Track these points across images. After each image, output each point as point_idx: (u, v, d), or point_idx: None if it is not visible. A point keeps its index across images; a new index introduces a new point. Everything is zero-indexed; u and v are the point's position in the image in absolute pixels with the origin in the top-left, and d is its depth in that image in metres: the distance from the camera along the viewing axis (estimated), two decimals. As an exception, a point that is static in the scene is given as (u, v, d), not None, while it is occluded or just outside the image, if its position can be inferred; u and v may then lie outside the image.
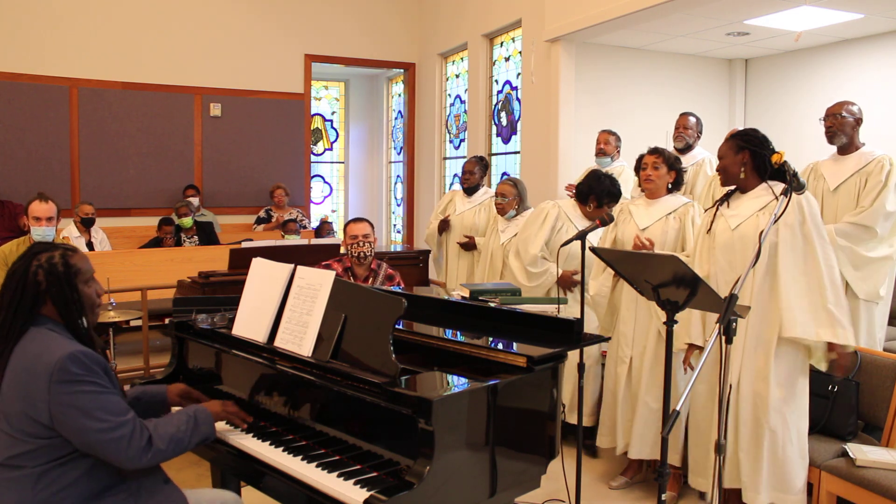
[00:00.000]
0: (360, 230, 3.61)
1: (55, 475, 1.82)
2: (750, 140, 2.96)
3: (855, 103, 3.76)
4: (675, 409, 1.93)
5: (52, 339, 1.85)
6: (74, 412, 1.78)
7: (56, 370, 1.77)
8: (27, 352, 1.84)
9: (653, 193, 3.52)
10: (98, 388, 1.82)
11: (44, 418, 1.79)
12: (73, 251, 1.97)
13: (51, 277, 1.89)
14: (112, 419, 1.81)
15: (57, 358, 1.79)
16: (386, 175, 10.21)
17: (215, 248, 6.48)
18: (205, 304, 3.39)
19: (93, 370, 1.82)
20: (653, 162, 3.49)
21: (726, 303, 2.06)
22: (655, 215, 3.46)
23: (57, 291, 1.90)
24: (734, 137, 3.03)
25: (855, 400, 3.06)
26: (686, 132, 4.76)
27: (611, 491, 3.54)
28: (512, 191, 4.49)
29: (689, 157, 4.65)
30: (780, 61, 6.51)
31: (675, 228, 3.40)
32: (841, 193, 3.71)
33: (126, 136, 7.60)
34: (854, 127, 3.72)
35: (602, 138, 5.19)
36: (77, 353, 1.81)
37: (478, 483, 2.00)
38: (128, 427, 1.84)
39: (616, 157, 5.20)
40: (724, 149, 3.03)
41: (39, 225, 4.10)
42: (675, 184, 3.52)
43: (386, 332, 2.08)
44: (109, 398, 1.84)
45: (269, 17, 8.15)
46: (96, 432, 1.79)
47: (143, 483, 1.97)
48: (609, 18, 5.28)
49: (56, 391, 1.77)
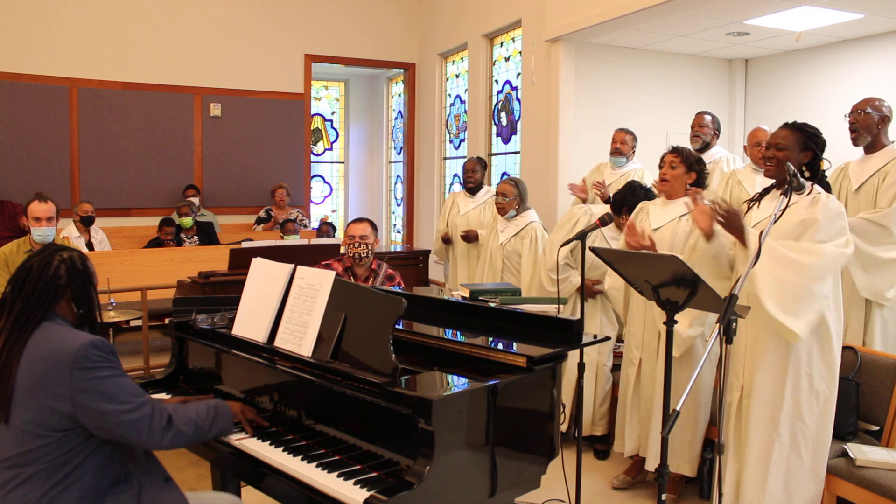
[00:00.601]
0: (357, 231, 3.61)
1: (61, 474, 1.83)
2: (818, 142, 2.85)
3: (883, 100, 3.60)
4: (674, 409, 1.93)
5: (66, 330, 1.91)
6: (97, 397, 1.83)
7: (78, 357, 1.82)
8: (42, 344, 1.87)
9: (669, 194, 3.44)
10: (118, 371, 1.89)
11: (65, 407, 1.82)
12: (85, 255, 2.07)
13: (72, 273, 1.97)
14: (133, 400, 1.88)
15: (78, 346, 1.84)
16: (386, 175, 10.21)
17: (215, 248, 6.49)
18: (205, 304, 3.39)
19: (112, 355, 1.90)
20: (670, 161, 3.41)
21: (726, 303, 2.06)
22: (669, 216, 3.40)
23: (78, 287, 1.98)
24: (801, 132, 2.86)
25: (855, 400, 3.06)
26: (702, 130, 4.69)
27: (611, 491, 3.54)
28: (513, 190, 4.48)
29: (706, 156, 4.52)
30: (780, 61, 6.51)
31: (685, 231, 3.31)
32: (862, 193, 3.59)
33: (126, 136, 7.60)
34: (880, 125, 3.56)
35: (619, 137, 5.03)
36: (96, 340, 1.88)
37: (478, 483, 2.00)
38: (147, 407, 1.91)
39: (631, 157, 5.07)
40: (790, 140, 2.85)
41: (39, 225, 4.10)
42: (695, 184, 3.40)
43: (386, 332, 2.08)
44: (128, 381, 1.91)
45: (269, 17, 8.15)
46: (119, 414, 1.84)
47: (144, 481, 1.98)
48: (609, 18, 5.27)
49: (79, 378, 1.82)
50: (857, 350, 3.19)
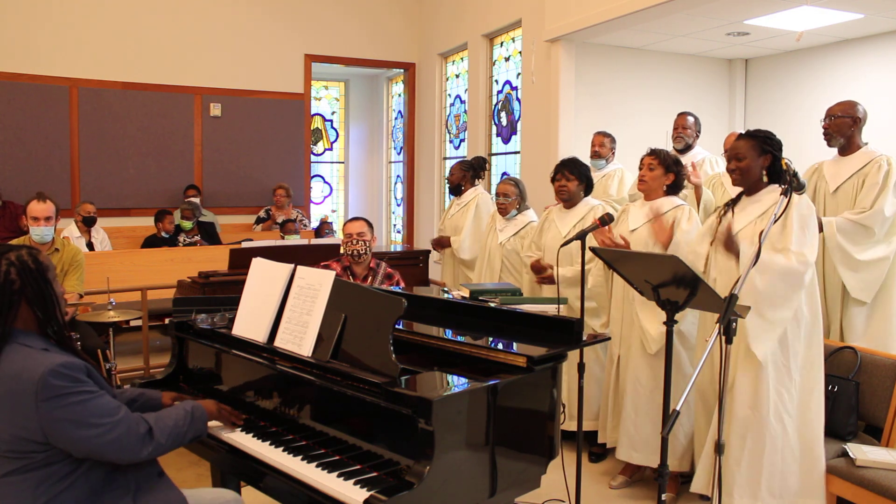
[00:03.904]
0: (354, 229, 3.63)
1: (53, 481, 1.81)
2: (773, 144, 2.92)
3: (857, 103, 3.69)
4: (674, 409, 1.93)
5: (26, 355, 1.80)
6: (68, 425, 1.76)
7: (40, 388, 1.73)
8: (4, 375, 1.79)
9: (648, 195, 3.52)
10: (86, 395, 1.79)
11: (38, 437, 1.77)
12: (36, 250, 1.94)
13: (24, 275, 1.85)
14: (106, 421, 1.81)
15: (39, 375, 1.74)
16: (386, 175, 10.21)
17: (215, 248, 6.49)
18: (205, 304, 3.40)
19: (77, 379, 1.79)
20: (648, 163, 3.49)
21: (726, 303, 2.06)
22: (646, 217, 3.46)
23: (33, 289, 1.86)
24: (754, 139, 2.95)
25: (855, 400, 3.06)
26: (685, 132, 4.73)
27: (611, 491, 3.54)
28: (514, 190, 4.49)
29: (688, 157, 4.64)
30: (781, 61, 6.51)
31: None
32: (840, 195, 3.66)
33: (126, 136, 7.60)
34: (852, 127, 3.64)
35: (597, 140, 5.15)
36: (56, 367, 1.76)
37: (478, 483, 2.00)
38: (123, 425, 1.84)
39: (611, 160, 5.17)
40: (745, 149, 2.94)
41: (37, 225, 4.09)
42: (673, 186, 3.48)
43: (386, 332, 2.08)
44: (98, 402, 1.81)
45: (269, 17, 8.15)
46: (94, 438, 1.78)
47: (138, 478, 1.97)
48: (609, 18, 5.27)
49: (45, 409, 1.74)
50: (857, 350, 3.19)
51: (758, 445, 2.83)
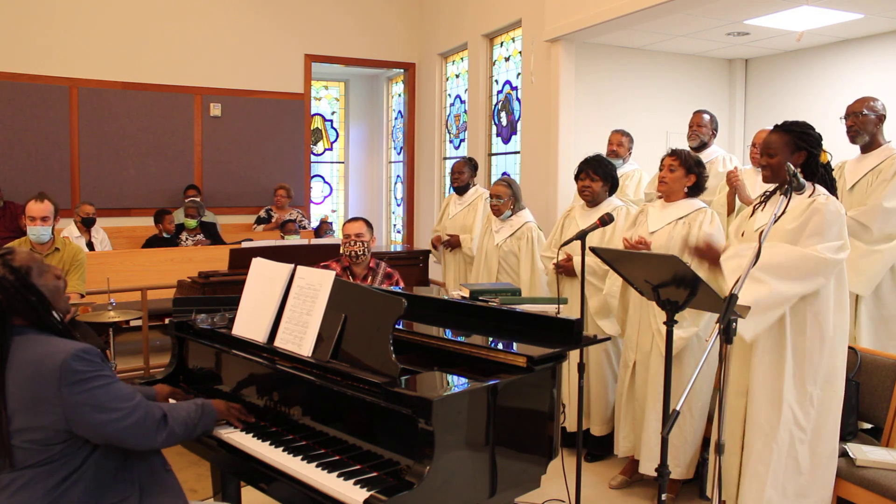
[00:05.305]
0: (353, 230, 3.63)
1: (64, 473, 1.82)
2: (809, 141, 2.72)
3: (877, 99, 3.59)
4: (674, 409, 1.93)
5: (43, 342, 1.84)
6: (89, 410, 1.80)
7: (63, 373, 1.77)
8: (23, 362, 1.81)
9: (668, 196, 3.43)
10: (105, 379, 1.85)
11: (59, 423, 1.80)
12: (8, 252, 1.91)
13: (4, 291, 1.83)
14: (126, 405, 1.86)
15: (60, 361, 1.78)
16: (386, 175, 10.21)
17: (215, 248, 6.49)
18: (205, 304, 3.40)
19: (96, 363, 1.84)
20: (668, 164, 3.40)
21: (726, 303, 2.06)
22: (666, 219, 3.38)
23: (18, 302, 1.85)
24: (789, 133, 2.74)
25: (855, 400, 3.06)
26: (700, 130, 4.66)
27: (611, 491, 3.54)
28: (507, 191, 4.47)
29: (704, 156, 4.53)
30: (781, 61, 6.51)
31: (681, 235, 3.30)
32: (856, 192, 3.60)
33: (126, 136, 7.60)
34: (877, 124, 3.56)
35: (615, 139, 5.04)
36: (78, 351, 1.81)
37: (478, 483, 2.00)
38: (141, 409, 1.89)
39: (627, 159, 5.08)
40: (778, 145, 2.73)
41: (34, 224, 4.10)
42: (695, 187, 3.39)
43: (386, 332, 2.08)
44: (117, 386, 1.87)
45: (269, 17, 8.15)
46: (114, 422, 1.83)
47: (144, 472, 1.99)
48: (609, 18, 5.27)
49: (67, 393, 1.78)
50: (857, 350, 3.19)
51: (765, 453, 2.74)
